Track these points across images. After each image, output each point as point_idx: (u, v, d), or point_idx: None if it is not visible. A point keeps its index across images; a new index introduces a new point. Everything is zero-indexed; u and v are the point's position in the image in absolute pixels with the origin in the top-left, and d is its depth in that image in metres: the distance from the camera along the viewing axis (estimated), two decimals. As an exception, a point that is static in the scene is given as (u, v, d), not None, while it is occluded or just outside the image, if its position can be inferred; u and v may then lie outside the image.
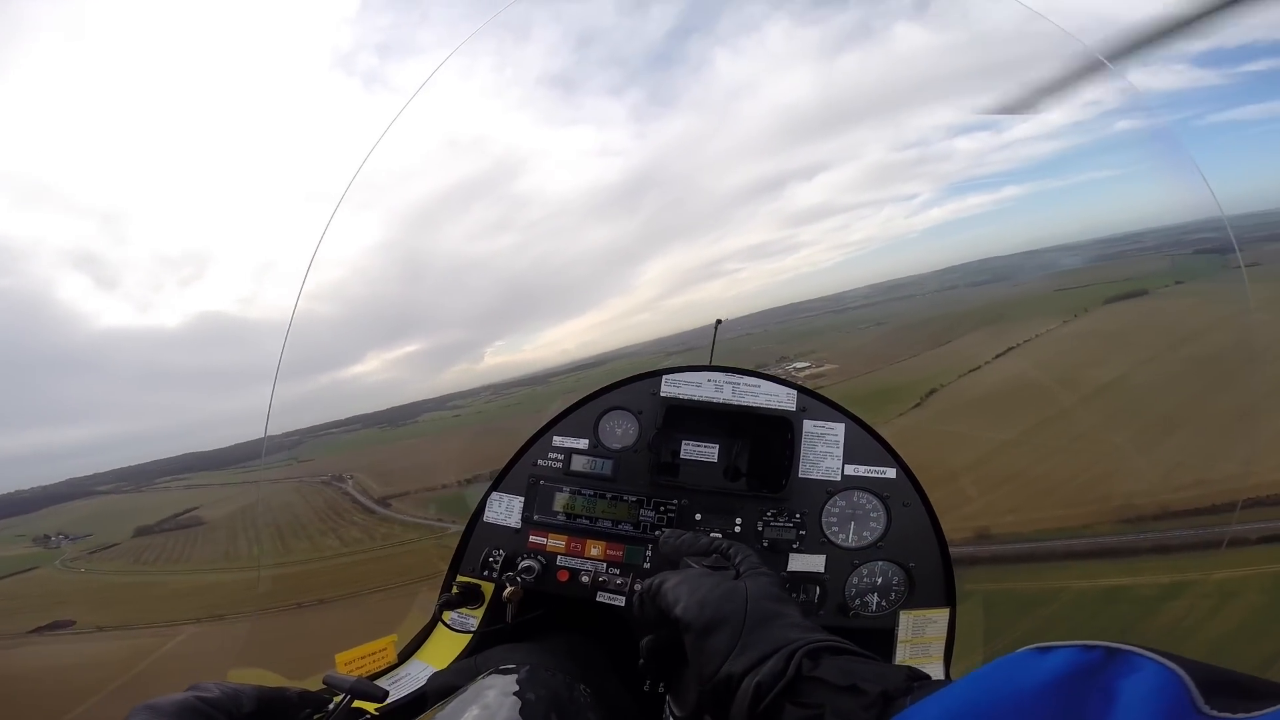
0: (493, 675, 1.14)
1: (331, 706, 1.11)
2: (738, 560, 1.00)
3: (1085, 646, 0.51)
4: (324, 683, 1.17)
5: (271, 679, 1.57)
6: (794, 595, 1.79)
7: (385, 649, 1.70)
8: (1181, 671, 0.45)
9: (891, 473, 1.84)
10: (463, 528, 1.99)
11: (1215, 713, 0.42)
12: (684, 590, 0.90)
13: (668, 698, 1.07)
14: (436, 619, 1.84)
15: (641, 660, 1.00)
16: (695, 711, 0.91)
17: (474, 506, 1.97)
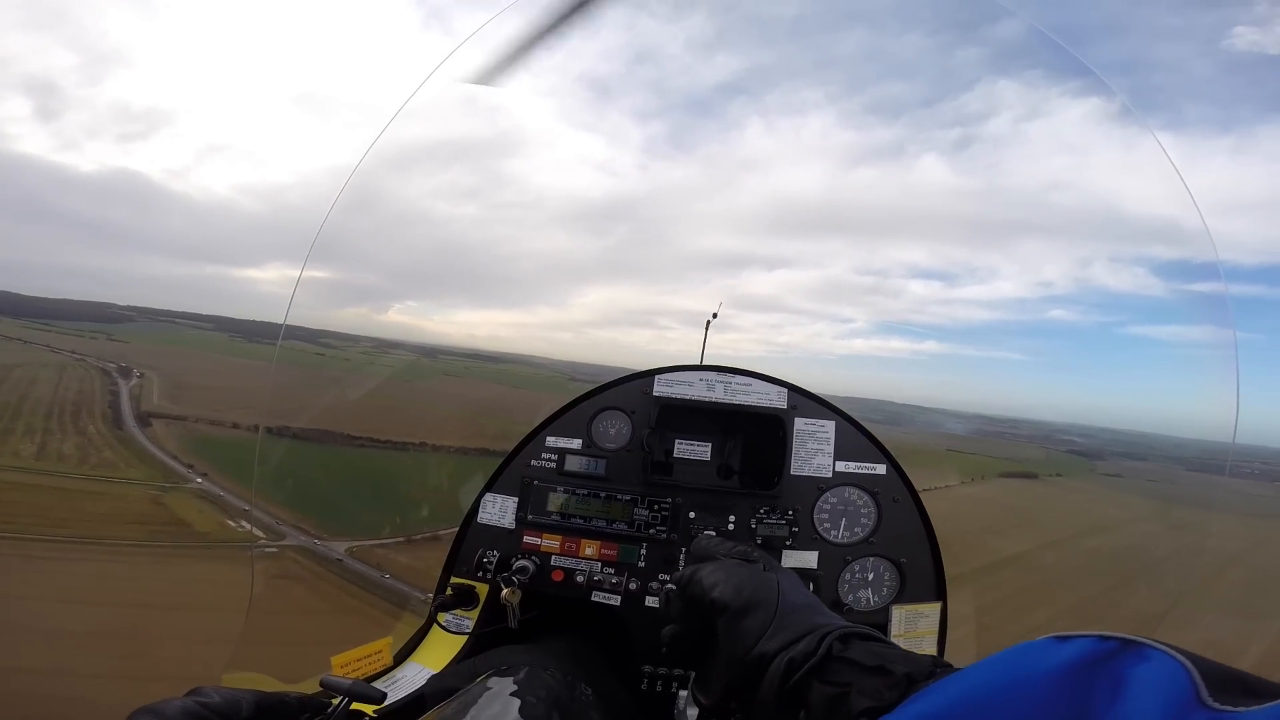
0: (492, 677, 1.19)
1: (330, 709, 1.12)
2: (762, 561, 1.13)
3: (1102, 637, 0.57)
4: (321, 685, 1.19)
5: (267, 682, 1.49)
6: None
7: (381, 651, 1.70)
8: (1190, 664, 0.50)
9: (881, 469, 2.00)
10: (455, 528, 2.03)
11: (1219, 706, 0.46)
12: (721, 576, 1.00)
13: (683, 692, 1.15)
14: (431, 621, 1.86)
15: (664, 648, 1.09)
16: (722, 696, 0.98)
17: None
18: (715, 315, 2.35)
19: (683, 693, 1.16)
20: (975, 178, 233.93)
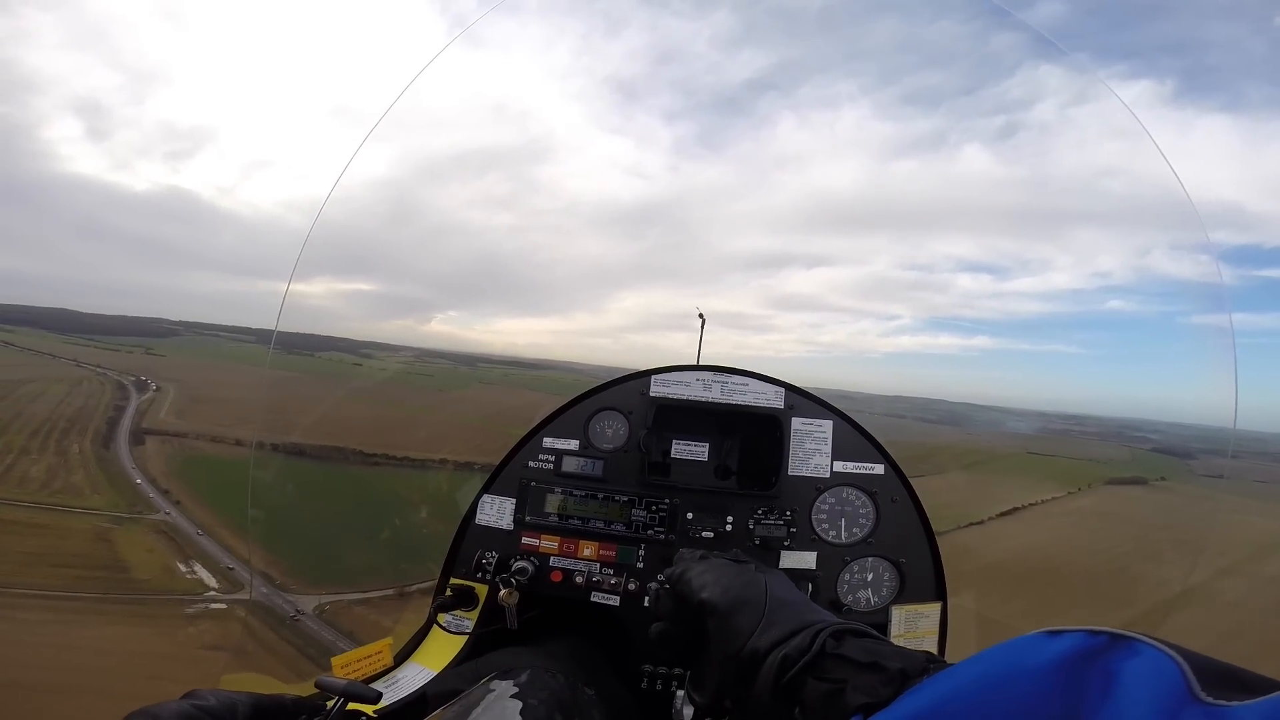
0: (495, 679, 1.27)
1: (328, 707, 1.20)
2: (751, 562, 1.21)
3: (1092, 631, 0.60)
4: (316, 686, 1.26)
5: (264, 683, 1.56)
6: None
7: (381, 652, 1.80)
8: (1181, 659, 0.54)
9: (880, 469, 2.10)
10: (454, 529, 2.14)
11: (1211, 700, 0.49)
12: (709, 576, 1.08)
13: (680, 691, 1.23)
14: (431, 621, 1.98)
15: (653, 645, 1.19)
16: (716, 694, 1.04)
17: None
18: (702, 316, 2.49)
19: (680, 692, 1.23)
20: (1022, 166, 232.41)
